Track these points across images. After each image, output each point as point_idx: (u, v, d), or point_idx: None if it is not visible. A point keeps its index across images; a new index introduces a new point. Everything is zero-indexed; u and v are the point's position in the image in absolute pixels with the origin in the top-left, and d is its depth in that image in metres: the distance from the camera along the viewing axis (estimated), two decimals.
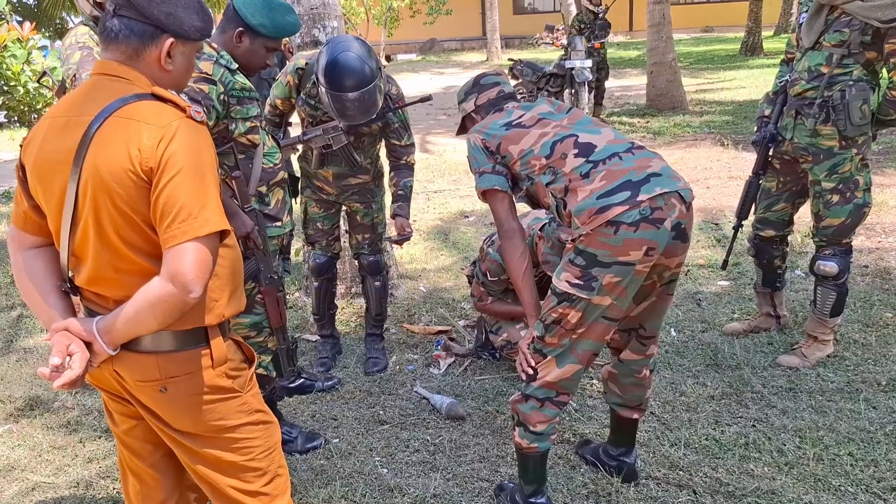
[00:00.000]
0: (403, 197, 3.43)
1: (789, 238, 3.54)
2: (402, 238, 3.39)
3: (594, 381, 3.30)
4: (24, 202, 1.66)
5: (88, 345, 1.58)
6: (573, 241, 2.15)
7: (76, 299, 1.70)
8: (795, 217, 3.48)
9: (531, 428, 2.31)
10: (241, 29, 2.49)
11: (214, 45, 2.50)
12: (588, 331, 2.18)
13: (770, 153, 3.34)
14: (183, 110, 1.57)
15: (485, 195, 2.40)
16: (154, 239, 1.54)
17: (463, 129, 2.73)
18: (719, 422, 2.91)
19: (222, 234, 1.56)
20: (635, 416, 2.54)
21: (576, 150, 2.21)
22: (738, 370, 3.30)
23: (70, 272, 1.66)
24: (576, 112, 2.45)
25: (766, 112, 3.37)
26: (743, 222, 3.54)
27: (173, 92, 1.65)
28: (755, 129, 3.45)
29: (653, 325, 2.39)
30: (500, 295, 3.47)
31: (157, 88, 1.59)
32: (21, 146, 1.67)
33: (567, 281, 2.15)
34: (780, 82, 3.33)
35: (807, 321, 3.42)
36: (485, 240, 3.53)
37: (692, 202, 2.16)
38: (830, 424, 2.84)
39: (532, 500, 2.41)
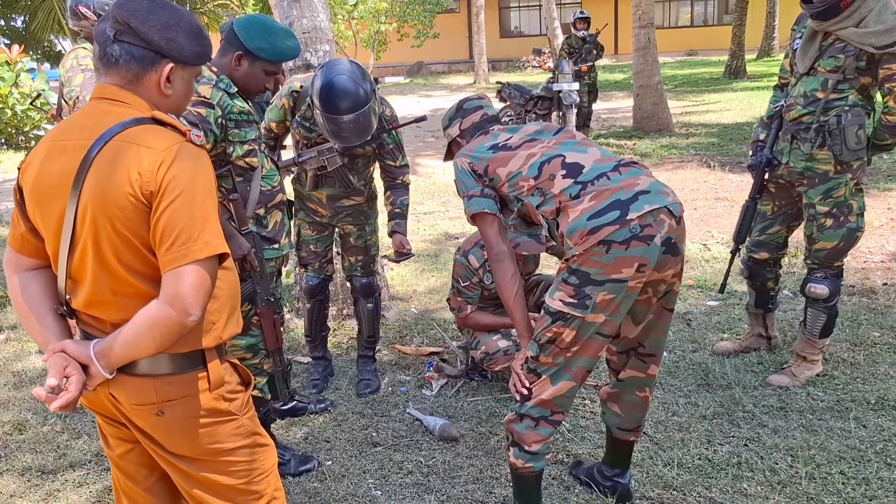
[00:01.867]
0: (400, 214, 3.45)
1: (781, 260, 3.58)
2: (403, 256, 3.40)
3: (587, 402, 3.31)
4: (21, 225, 1.66)
5: (85, 368, 1.58)
6: (566, 260, 2.18)
7: (72, 322, 1.69)
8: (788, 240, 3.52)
9: (526, 448, 2.31)
10: (240, 52, 2.51)
11: (214, 69, 2.52)
12: (582, 348, 2.20)
13: (766, 177, 3.37)
14: (183, 134, 1.58)
15: (474, 219, 2.42)
16: (153, 262, 1.54)
17: (450, 155, 2.75)
18: (712, 441, 2.93)
19: (221, 258, 1.57)
20: (632, 438, 2.55)
21: (563, 171, 2.23)
22: (729, 390, 3.31)
23: (67, 295, 1.65)
24: (564, 132, 2.45)
25: (762, 136, 3.39)
26: (740, 246, 3.54)
27: (173, 116, 1.67)
28: (750, 153, 3.48)
29: (652, 343, 2.38)
30: (480, 303, 3.49)
31: (156, 112, 1.61)
32: (19, 169, 1.67)
33: (561, 300, 2.17)
34: (775, 107, 3.35)
35: (796, 341, 3.44)
36: (455, 252, 3.56)
37: (682, 215, 2.18)
38: (822, 443, 2.86)
39: None
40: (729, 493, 2.59)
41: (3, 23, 17.46)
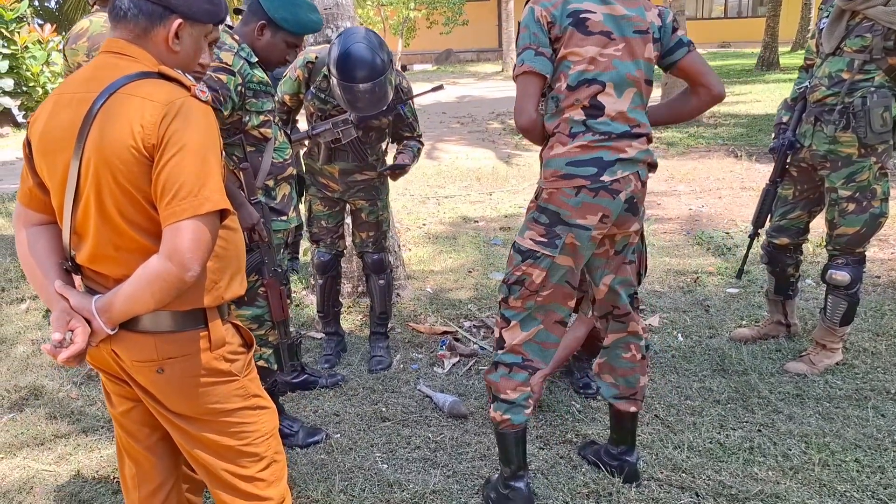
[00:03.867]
0: (408, 148, 3.43)
1: (802, 247, 3.50)
2: (400, 165, 3.33)
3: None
4: (29, 179, 1.67)
5: (88, 323, 1.58)
6: (536, 198, 2.26)
7: (77, 278, 1.70)
8: (810, 226, 3.44)
9: (503, 396, 2.32)
10: (263, 22, 2.51)
11: (237, 37, 2.52)
12: (552, 294, 2.25)
13: (788, 160, 3.30)
14: (188, 89, 1.57)
15: (516, 77, 2.22)
16: (155, 217, 1.54)
17: None
18: (724, 426, 2.88)
19: (223, 215, 1.56)
20: (632, 408, 2.51)
21: (587, 103, 2.19)
22: (744, 376, 3.26)
23: (72, 251, 1.66)
24: (630, 44, 2.21)
25: (784, 119, 3.32)
26: (759, 230, 3.48)
27: (179, 72, 1.66)
28: (773, 136, 3.41)
29: (622, 301, 2.40)
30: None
31: (163, 67, 1.59)
32: (28, 123, 1.68)
33: (531, 238, 2.25)
34: (799, 88, 3.28)
35: (815, 329, 3.37)
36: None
37: (647, 180, 2.30)
38: (837, 431, 2.80)
39: (512, 483, 2.40)
40: (739, 477, 2.55)
41: (36, 3, 17.71)
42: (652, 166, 2.32)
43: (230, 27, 2.62)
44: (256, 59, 2.55)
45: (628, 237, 2.34)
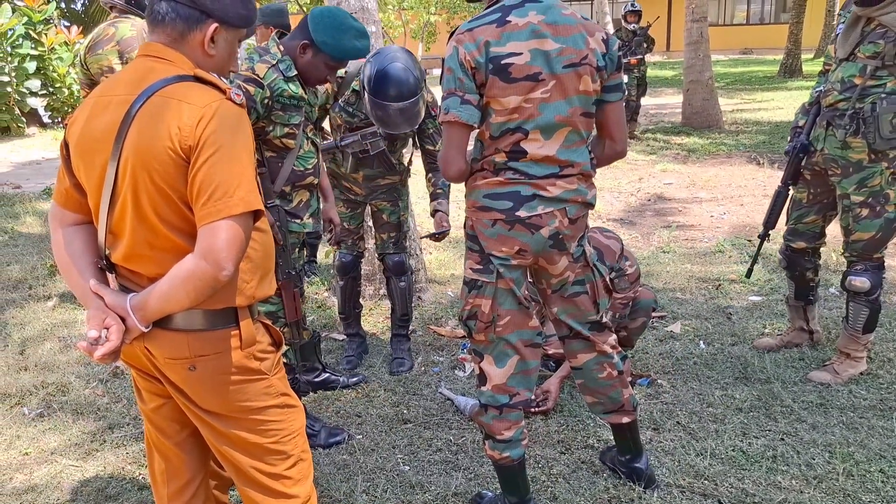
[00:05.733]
0: (443, 194, 3.49)
1: (823, 254, 3.48)
2: (441, 232, 3.43)
3: None
4: (66, 179, 1.70)
5: (122, 320, 1.61)
6: (465, 227, 2.25)
7: (111, 276, 1.73)
8: (830, 234, 3.42)
9: (498, 437, 2.29)
10: (305, 41, 2.53)
11: (282, 48, 2.55)
12: (510, 322, 2.22)
13: (802, 163, 3.29)
14: (223, 92, 1.60)
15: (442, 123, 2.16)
16: (190, 217, 1.57)
17: None
18: (747, 434, 2.87)
19: (256, 216, 1.59)
20: (624, 419, 2.48)
21: (508, 150, 2.11)
22: (767, 384, 3.24)
23: (107, 249, 1.69)
24: (560, 82, 2.09)
25: (801, 122, 3.33)
26: (770, 232, 3.46)
27: (215, 75, 1.69)
28: (789, 138, 3.42)
29: (577, 323, 2.35)
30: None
31: (199, 71, 1.63)
32: (66, 125, 1.71)
33: (471, 268, 2.24)
34: (816, 93, 3.29)
35: (839, 337, 3.35)
36: None
37: (579, 218, 2.21)
38: (862, 441, 2.78)
39: None
40: (762, 486, 2.54)
41: (63, 5, 17.96)
42: (585, 205, 2.22)
43: (283, 35, 2.65)
44: (295, 74, 2.58)
45: (564, 279, 2.28)
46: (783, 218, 3.44)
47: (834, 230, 3.44)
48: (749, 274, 3.61)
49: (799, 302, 3.54)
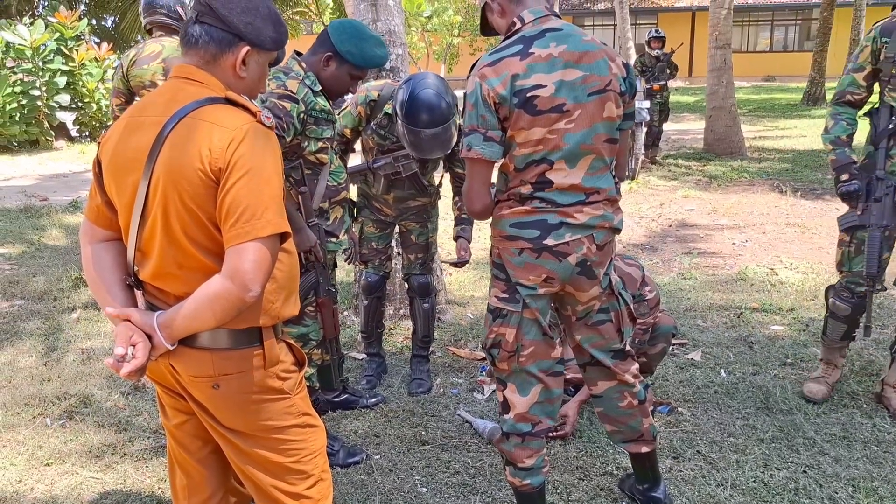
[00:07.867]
0: (467, 220, 3.52)
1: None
2: (461, 262, 3.44)
3: None
4: (97, 197, 1.74)
5: (148, 338, 1.63)
6: (491, 255, 2.25)
7: (138, 293, 1.76)
8: None
9: (520, 465, 2.29)
10: (329, 53, 2.60)
11: (304, 65, 2.60)
12: (534, 352, 2.21)
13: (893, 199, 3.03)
14: (253, 115, 1.63)
15: (465, 159, 2.18)
16: (218, 238, 1.59)
17: (485, 25, 2.32)
18: (768, 465, 2.83)
19: (283, 238, 1.61)
20: (643, 449, 2.46)
21: (534, 181, 2.12)
22: (790, 415, 3.21)
23: (135, 267, 1.72)
24: (585, 111, 2.11)
25: (854, 157, 3.15)
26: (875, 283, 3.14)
27: (245, 97, 1.72)
28: (842, 177, 3.14)
29: (600, 352, 2.34)
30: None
31: (230, 93, 1.66)
32: (99, 143, 1.75)
33: (496, 296, 2.23)
34: (851, 125, 3.16)
35: (891, 371, 3.27)
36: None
37: (607, 243, 2.22)
38: (886, 476, 2.73)
39: None
40: None
41: (94, 22, 18.32)
42: (612, 230, 2.23)
43: (299, 53, 2.70)
44: (321, 88, 2.63)
45: (590, 307, 2.28)
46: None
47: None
48: (867, 332, 3.24)
49: (844, 342, 3.38)
